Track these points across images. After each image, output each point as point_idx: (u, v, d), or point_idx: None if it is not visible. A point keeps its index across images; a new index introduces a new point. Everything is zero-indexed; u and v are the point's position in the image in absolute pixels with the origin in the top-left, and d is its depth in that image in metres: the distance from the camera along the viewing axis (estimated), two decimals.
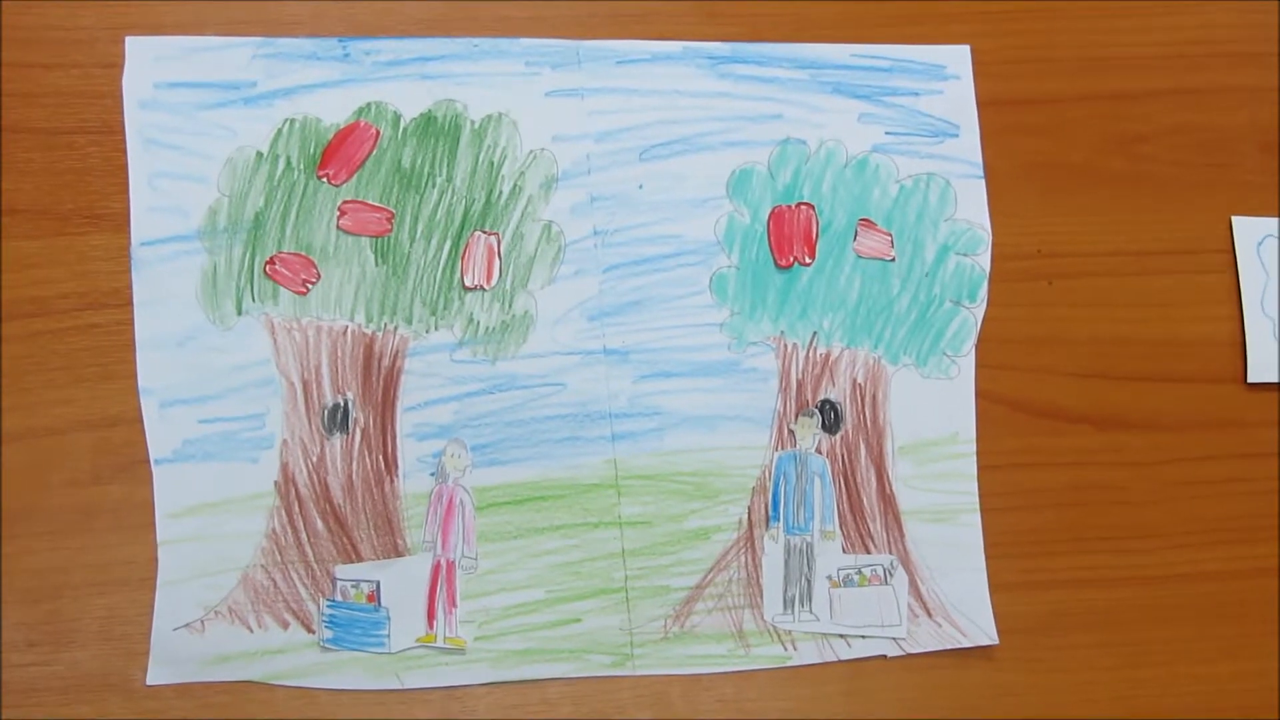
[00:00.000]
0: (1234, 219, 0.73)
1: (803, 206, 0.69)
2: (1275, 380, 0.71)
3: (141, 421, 0.63)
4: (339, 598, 0.62)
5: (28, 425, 0.63)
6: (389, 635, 0.62)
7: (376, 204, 0.66)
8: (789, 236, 0.69)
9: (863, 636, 0.65)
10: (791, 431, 0.67)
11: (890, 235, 0.70)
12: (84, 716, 0.60)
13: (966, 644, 0.65)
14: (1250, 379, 0.71)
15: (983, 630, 0.66)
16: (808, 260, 0.69)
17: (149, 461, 0.62)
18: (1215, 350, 0.72)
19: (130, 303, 0.64)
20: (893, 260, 0.69)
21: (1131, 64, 0.74)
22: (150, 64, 0.66)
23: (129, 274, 0.64)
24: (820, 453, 0.67)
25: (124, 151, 0.65)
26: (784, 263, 0.69)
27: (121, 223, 0.64)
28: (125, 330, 0.64)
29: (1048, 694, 0.66)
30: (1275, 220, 0.73)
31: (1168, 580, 0.68)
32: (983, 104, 0.72)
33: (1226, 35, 0.75)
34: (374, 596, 0.62)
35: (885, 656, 0.65)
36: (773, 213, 0.69)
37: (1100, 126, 0.73)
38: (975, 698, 0.65)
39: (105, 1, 0.67)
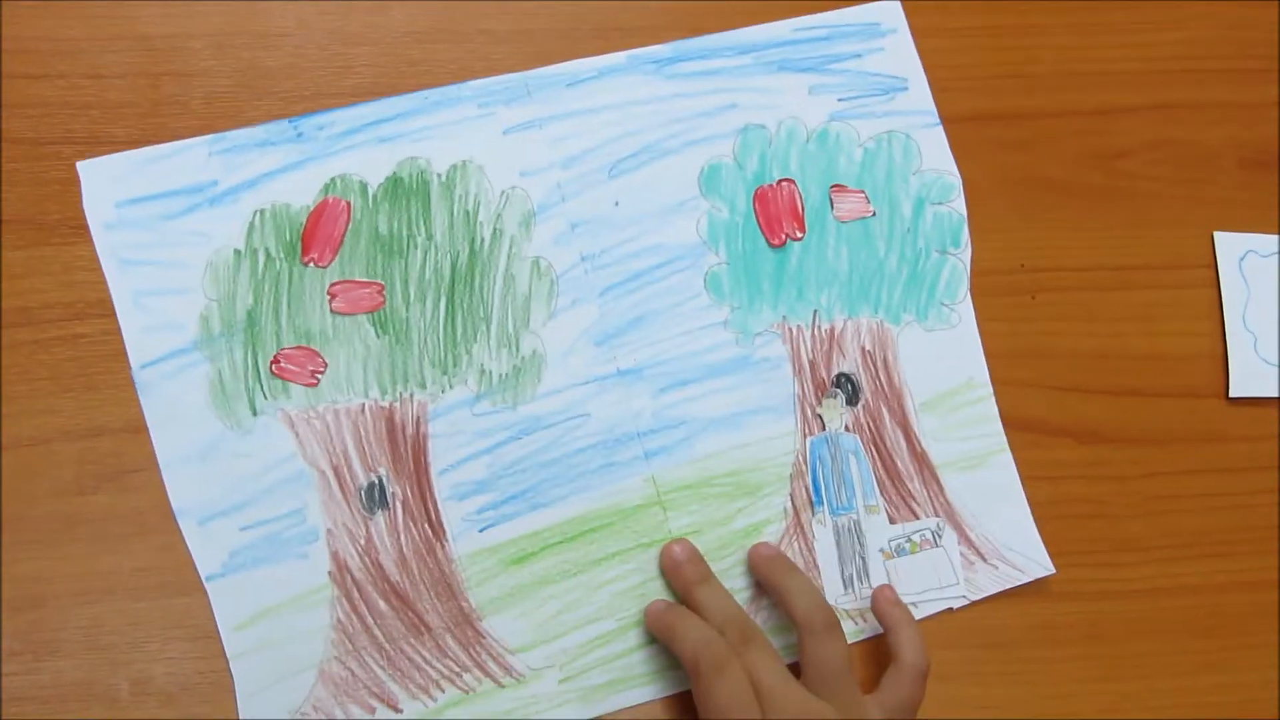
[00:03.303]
0: (1216, 234, 0.73)
1: (784, 183, 0.70)
2: (1256, 395, 0.72)
3: (128, 431, 0.62)
4: None
5: (12, 435, 0.62)
6: None
7: (363, 280, 0.65)
8: (777, 215, 0.70)
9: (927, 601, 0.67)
10: (818, 415, 0.68)
11: (864, 192, 0.71)
12: None
13: (1025, 579, 0.67)
14: (1231, 394, 0.72)
15: (1037, 562, 0.68)
16: (799, 235, 0.70)
17: (137, 471, 0.62)
18: (1197, 365, 0.72)
19: (114, 314, 0.63)
20: (873, 215, 0.70)
21: (1111, 79, 0.75)
22: (107, 184, 0.65)
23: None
24: (848, 429, 0.68)
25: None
26: (777, 241, 0.69)
27: None
28: (111, 340, 0.63)
29: (1028, 706, 0.66)
30: (1256, 236, 0.74)
31: (1148, 594, 0.69)
32: (963, 119, 0.72)
33: (1206, 51, 0.76)
34: None
35: (951, 609, 0.67)
36: (756, 194, 0.70)
37: (1080, 142, 0.74)
38: (954, 712, 0.66)
39: (96, 3, 0.67)
